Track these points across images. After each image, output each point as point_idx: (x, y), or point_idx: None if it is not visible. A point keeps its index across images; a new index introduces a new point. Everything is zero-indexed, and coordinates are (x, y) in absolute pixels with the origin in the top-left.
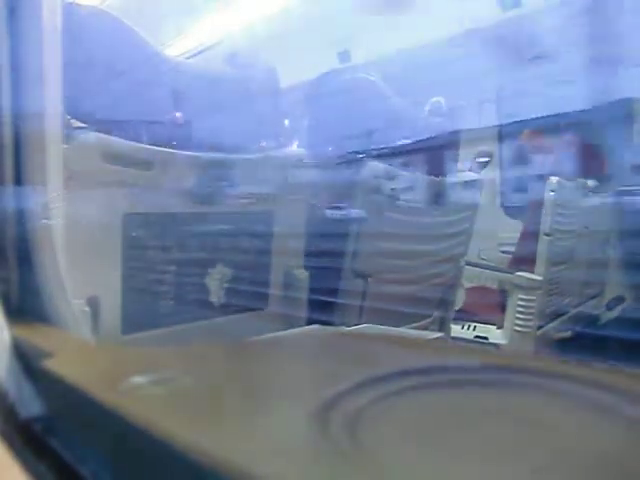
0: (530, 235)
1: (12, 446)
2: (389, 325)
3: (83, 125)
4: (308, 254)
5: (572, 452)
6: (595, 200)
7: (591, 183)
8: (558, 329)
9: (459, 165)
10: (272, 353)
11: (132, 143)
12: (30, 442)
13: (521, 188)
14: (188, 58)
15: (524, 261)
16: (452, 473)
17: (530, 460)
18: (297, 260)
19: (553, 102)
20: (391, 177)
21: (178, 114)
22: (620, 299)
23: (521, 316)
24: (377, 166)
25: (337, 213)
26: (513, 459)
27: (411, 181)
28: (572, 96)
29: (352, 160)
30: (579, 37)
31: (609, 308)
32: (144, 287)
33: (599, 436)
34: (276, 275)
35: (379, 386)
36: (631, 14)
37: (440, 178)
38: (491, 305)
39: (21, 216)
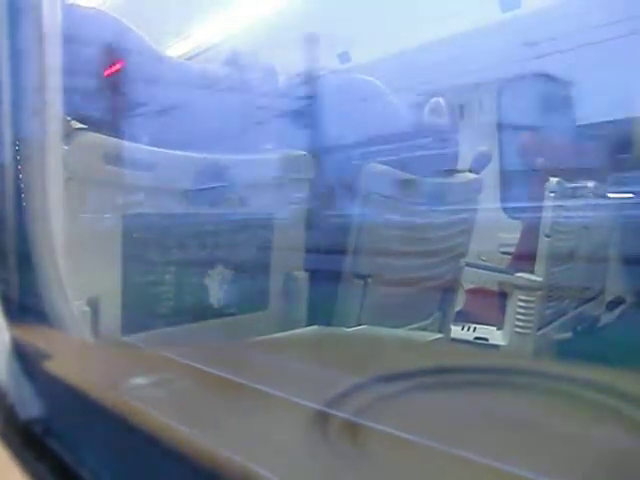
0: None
1: (12, 447)
2: (389, 326)
3: (83, 126)
4: (308, 255)
5: (572, 453)
6: None
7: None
8: (558, 330)
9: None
10: (272, 353)
11: (132, 144)
12: (30, 443)
13: None
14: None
15: (524, 262)
16: (452, 474)
17: (530, 461)
18: (297, 261)
19: None
20: (390, 178)
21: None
22: (620, 300)
23: (521, 317)
24: (376, 167)
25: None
26: (513, 460)
27: (409, 181)
28: None
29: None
30: None
31: (609, 309)
32: (144, 288)
33: (599, 438)
34: (276, 276)
35: (378, 387)
36: None
37: (439, 179)
38: (491, 306)
39: (21, 217)
